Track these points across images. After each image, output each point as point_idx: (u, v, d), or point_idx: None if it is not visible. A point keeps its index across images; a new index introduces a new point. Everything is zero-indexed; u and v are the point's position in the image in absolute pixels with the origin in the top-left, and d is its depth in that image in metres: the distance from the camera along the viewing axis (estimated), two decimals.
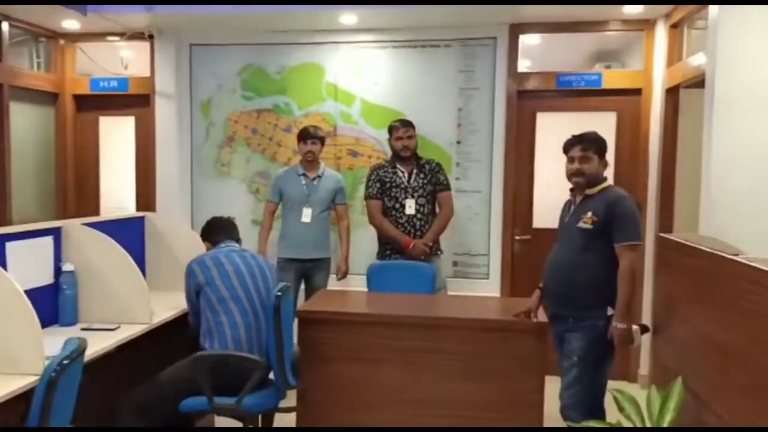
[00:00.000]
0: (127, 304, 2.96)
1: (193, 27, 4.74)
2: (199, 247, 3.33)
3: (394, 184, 4.13)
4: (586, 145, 2.96)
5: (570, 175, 3.00)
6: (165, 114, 4.87)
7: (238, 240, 3.24)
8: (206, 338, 2.93)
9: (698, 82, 3.86)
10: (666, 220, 4.27)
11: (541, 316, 3.07)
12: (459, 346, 3.05)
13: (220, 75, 4.86)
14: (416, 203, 4.10)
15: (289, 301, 3.03)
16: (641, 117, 4.48)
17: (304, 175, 4.27)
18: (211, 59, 4.86)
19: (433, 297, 3.81)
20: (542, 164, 4.65)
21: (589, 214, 2.91)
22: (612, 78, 4.54)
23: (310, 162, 4.25)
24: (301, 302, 4.14)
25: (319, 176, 4.27)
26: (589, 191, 2.97)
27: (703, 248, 2.47)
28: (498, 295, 4.64)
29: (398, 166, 4.17)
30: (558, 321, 3.01)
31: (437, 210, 4.21)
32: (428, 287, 3.85)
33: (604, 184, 2.99)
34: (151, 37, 4.81)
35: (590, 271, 2.89)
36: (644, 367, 4.47)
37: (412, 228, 4.10)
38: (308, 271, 4.23)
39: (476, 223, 4.67)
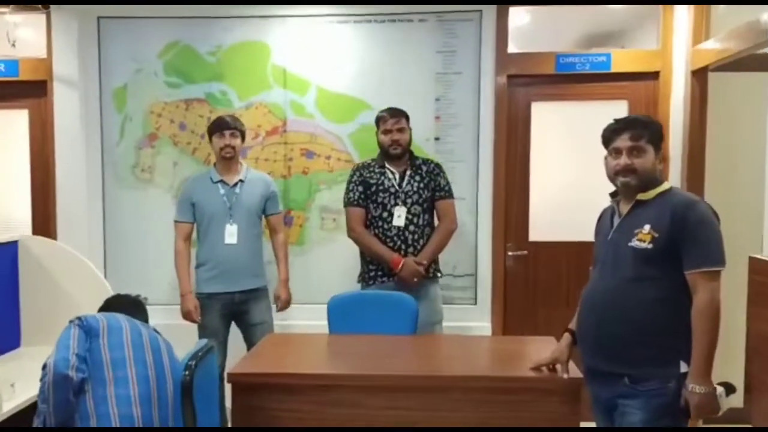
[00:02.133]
0: None
1: None
2: (104, 287, 2.38)
3: (381, 188, 3.26)
4: (637, 131, 2.12)
5: (615, 174, 2.16)
6: (67, 105, 3.84)
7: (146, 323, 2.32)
8: (79, 425, 1.97)
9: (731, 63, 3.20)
10: None
11: (573, 370, 2.26)
12: (463, 415, 2.23)
13: (138, 56, 3.86)
14: (408, 212, 3.24)
15: (208, 370, 2.09)
16: (659, 105, 3.72)
17: (221, 181, 3.34)
18: (125, 36, 3.86)
19: (421, 342, 2.90)
20: (540, 164, 3.86)
21: (647, 228, 2.07)
22: (622, 59, 3.77)
23: (229, 161, 3.32)
24: (236, 344, 3.25)
25: (242, 180, 3.35)
26: (642, 196, 2.14)
27: None
28: (488, 324, 3.82)
29: (387, 165, 3.31)
30: (603, 380, 2.15)
31: (436, 222, 3.39)
32: (408, 326, 2.96)
33: (664, 186, 2.16)
34: (46, 6, 3.79)
35: (650, 308, 2.05)
36: None
37: (403, 243, 3.24)
38: (240, 307, 3.30)
39: (461, 236, 3.80)
